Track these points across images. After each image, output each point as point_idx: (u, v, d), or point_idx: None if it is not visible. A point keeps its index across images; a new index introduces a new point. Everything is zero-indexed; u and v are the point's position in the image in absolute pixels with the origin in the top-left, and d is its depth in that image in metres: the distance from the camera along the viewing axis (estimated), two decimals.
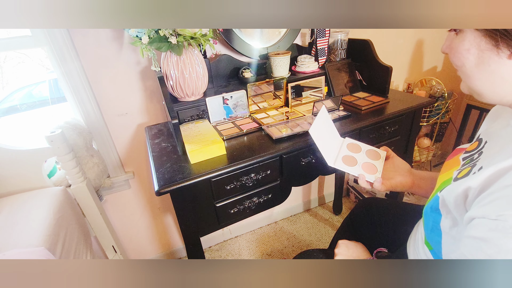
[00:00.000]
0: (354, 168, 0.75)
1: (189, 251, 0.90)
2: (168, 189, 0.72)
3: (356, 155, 0.79)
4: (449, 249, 0.47)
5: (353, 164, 0.76)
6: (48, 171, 1.08)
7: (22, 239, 0.76)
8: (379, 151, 0.80)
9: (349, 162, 0.76)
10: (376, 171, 0.74)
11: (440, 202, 0.47)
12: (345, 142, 0.83)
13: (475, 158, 0.47)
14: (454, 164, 0.53)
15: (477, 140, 0.53)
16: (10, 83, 2.20)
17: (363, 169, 0.74)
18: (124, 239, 1.42)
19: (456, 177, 0.47)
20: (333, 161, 0.76)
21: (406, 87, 1.68)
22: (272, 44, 1.18)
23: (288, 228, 1.77)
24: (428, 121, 1.65)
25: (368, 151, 0.80)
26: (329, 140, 0.79)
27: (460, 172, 0.47)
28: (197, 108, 1.02)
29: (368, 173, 0.73)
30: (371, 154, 0.79)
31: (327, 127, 0.80)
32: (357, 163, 0.76)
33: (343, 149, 0.80)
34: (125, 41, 1.01)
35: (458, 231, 0.44)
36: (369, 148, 0.81)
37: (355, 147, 0.81)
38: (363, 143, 0.83)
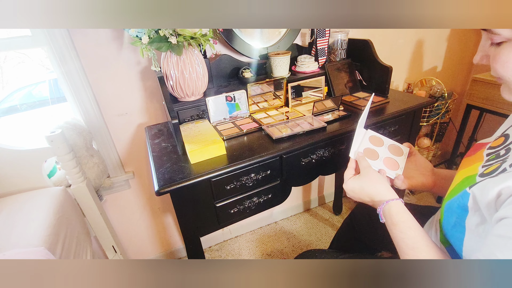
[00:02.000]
0: (375, 162, 0.71)
1: (189, 251, 0.90)
2: (168, 189, 0.72)
3: (378, 148, 0.75)
4: (472, 247, 0.46)
5: (374, 158, 0.72)
6: (48, 171, 1.08)
7: (22, 239, 0.76)
8: (402, 146, 0.76)
9: (370, 156, 0.72)
10: (398, 167, 0.70)
11: (471, 199, 0.45)
12: (367, 134, 0.78)
13: (503, 155, 0.46)
14: (477, 159, 0.51)
15: (502, 135, 0.51)
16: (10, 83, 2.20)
17: (385, 164, 0.71)
18: (124, 239, 1.42)
19: (483, 173, 0.45)
20: (354, 153, 0.72)
21: (406, 87, 1.68)
22: (272, 44, 1.18)
23: (288, 228, 1.77)
24: (428, 121, 1.65)
25: (390, 146, 0.76)
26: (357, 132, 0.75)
27: (488, 168, 0.46)
28: (197, 108, 1.02)
29: (390, 168, 0.70)
30: (393, 149, 0.75)
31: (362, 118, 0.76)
32: (379, 157, 0.72)
33: (365, 141, 0.76)
34: (125, 41, 1.01)
35: (484, 230, 0.43)
36: (391, 143, 0.76)
37: (377, 140, 0.77)
38: (385, 136, 0.78)
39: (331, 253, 0.80)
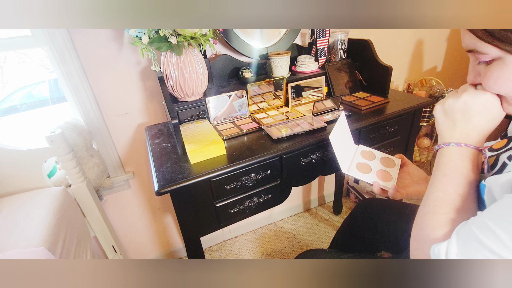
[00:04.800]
0: (368, 175, 0.74)
1: (189, 251, 0.90)
2: (168, 189, 0.72)
3: (370, 162, 0.78)
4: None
5: (367, 171, 0.75)
6: (48, 171, 1.08)
7: (22, 239, 0.76)
8: (393, 158, 0.78)
9: (363, 170, 0.75)
10: (391, 178, 0.73)
11: (486, 190, 0.44)
12: (359, 149, 0.82)
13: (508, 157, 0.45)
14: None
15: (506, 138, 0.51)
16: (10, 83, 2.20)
17: (378, 176, 0.73)
18: (124, 239, 1.42)
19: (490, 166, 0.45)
20: (347, 168, 0.75)
21: (406, 87, 1.68)
22: (272, 44, 1.18)
23: (288, 228, 1.77)
24: (428, 121, 1.65)
25: (382, 159, 0.78)
26: (344, 147, 0.79)
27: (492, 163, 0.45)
28: (197, 108, 1.02)
29: (383, 180, 0.72)
30: (385, 161, 0.78)
31: (343, 134, 0.80)
32: (371, 171, 0.75)
33: (357, 156, 0.79)
34: (125, 41, 1.01)
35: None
36: (383, 156, 0.79)
37: (369, 154, 0.80)
38: (377, 150, 0.82)
39: (331, 253, 0.80)
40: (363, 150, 0.82)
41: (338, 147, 0.74)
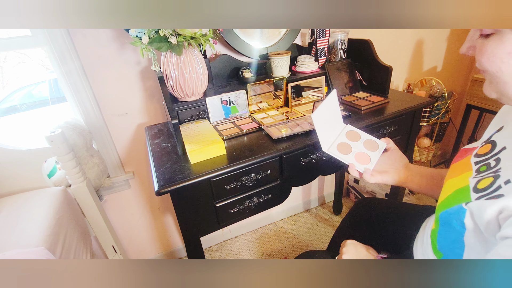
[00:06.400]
0: (346, 156, 0.72)
1: (189, 251, 0.90)
2: (168, 189, 0.72)
3: (353, 143, 0.76)
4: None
5: (347, 152, 0.73)
6: (48, 171, 1.08)
7: (22, 239, 0.76)
8: (379, 142, 0.76)
9: (343, 150, 0.74)
10: (369, 161, 0.71)
11: (467, 216, 0.43)
12: (345, 129, 0.80)
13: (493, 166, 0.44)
14: (465, 168, 0.49)
15: (489, 142, 0.50)
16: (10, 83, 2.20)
17: (356, 158, 0.72)
18: (124, 239, 1.42)
19: (477, 188, 0.43)
20: (327, 147, 0.74)
21: (406, 87, 1.68)
22: (272, 44, 1.18)
23: (288, 228, 1.77)
24: (428, 121, 1.65)
25: (366, 141, 0.77)
26: (330, 126, 0.76)
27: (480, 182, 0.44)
28: (197, 108, 1.02)
29: (360, 163, 0.71)
30: (369, 144, 0.76)
31: (332, 113, 0.77)
32: (351, 152, 0.74)
33: (341, 136, 0.77)
34: (125, 41, 1.01)
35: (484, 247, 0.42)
36: (368, 138, 0.77)
37: (354, 135, 0.78)
38: (365, 132, 0.79)
39: (331, 253, 0.80)
40: (349, 131, 0.79)
41: (321, 125, 0.71)
